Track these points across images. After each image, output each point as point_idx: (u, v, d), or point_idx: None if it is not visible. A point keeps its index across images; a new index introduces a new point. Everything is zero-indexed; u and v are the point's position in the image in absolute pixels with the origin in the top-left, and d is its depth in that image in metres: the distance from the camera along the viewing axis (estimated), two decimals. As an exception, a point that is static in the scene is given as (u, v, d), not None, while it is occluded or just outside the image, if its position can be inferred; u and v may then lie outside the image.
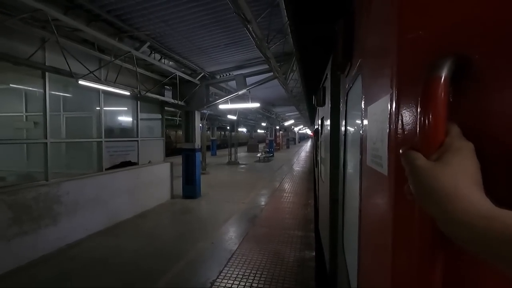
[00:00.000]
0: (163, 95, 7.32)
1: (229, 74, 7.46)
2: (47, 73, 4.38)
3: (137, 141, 6.63)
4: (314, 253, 4.28)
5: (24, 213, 3.93)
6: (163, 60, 6.01)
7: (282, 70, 6.29)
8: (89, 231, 5.00)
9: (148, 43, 5.00)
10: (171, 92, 7.75)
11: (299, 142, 52.26)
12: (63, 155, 5.58)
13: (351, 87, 1.26)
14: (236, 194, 8.50)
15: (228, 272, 3.71)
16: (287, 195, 8.36)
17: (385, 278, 0.52)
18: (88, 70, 4.67)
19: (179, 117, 17.27)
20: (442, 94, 0.36)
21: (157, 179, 7.19)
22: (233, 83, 7.61)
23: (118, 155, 6.01)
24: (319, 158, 4.44)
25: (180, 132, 26.47)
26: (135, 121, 6.71)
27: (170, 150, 17.36)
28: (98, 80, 4.92)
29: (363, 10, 0.93)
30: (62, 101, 5.71)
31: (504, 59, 0.35)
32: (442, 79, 0.37)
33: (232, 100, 8.14)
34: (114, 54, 5.06)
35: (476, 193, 0.32)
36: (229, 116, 13.35)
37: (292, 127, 36.00)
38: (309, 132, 40.36)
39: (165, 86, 7.51)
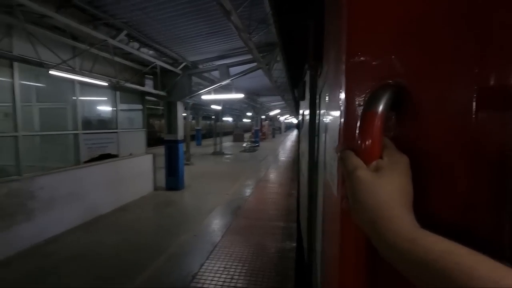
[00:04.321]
0: (144, 85, 7.09)
1: (212, 64, 7.30)
2: (15, 63, 4.12)
3: (117, 132, 6.44)
4: (295, 244, 4.37)
5: (-5, 209, 3.78)
6: (142, 49, 5.79)
7: (266, 60, 6.21)
8: (66, 226, 4.87)
9: (125, 31, 4.79)
10: (152, 82, 7.52)
11: (285, 132, 52.58)
12: (37, 148, 5.33)
13: (322, 88, 1.25)
14: (220, 185, 8.50)
15: (210, 265, 3.73)
16: (271, 186, 8.43)
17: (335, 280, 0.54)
18: (61, 59, 4.43)
19: (162, 106, 16.92)
20: (378, 125, 0.36)
21: (138, 171, 7.05)
22: (216, 73, 7.47)
23: (96, 147, 5.82)
24: (301, 150, 4.48)
25: (164, 121, 25.89)
26: (114, 112, 6.50)
27: (154, 140, 17.01)
28: (71, 70, 4.69)
29: (329, 15, 0.90)
30: (35, 91, 5.42)
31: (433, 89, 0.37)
32: (379, 113, 0.36)
33: (216, 90, 8.01)
34: (89, 42, 4.82)
35: (407, 214, 0.33)
36: (213, 106, 13.17)
37: (278, 116, 36.07)
38: (295, 121, 40.62)
39: (146, 76, 7.27)
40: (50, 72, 4.20)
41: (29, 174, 4.29)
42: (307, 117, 2.48)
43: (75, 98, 5.32)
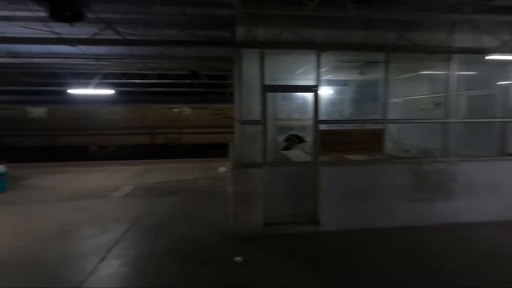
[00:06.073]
0: None
1: None
2: (451, 55, 4.49)
3: None
4: None
5: (423, 182, 4.56)
6: None
7: None
8: (483, 217, 4.66)
9: None
10: None
11: None
12: (459, 134, 5.54)
13: None
14: None
15: None
16: None
17: None
18: (501, 40, 4.13)
19: None
20: None
21: None
22: None
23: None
24: None
25: None
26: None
27: None
28: (510, 50, 4.21)
29: None
30: (466, 80, 5.59)
31: None
32: None
33: None
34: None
35: None
36: None
37: None
38: None
39: None
40: (487, 57, 4.08)
41: (453, 158, 4.64)
42: None
43: (507, 82, 4.77)
